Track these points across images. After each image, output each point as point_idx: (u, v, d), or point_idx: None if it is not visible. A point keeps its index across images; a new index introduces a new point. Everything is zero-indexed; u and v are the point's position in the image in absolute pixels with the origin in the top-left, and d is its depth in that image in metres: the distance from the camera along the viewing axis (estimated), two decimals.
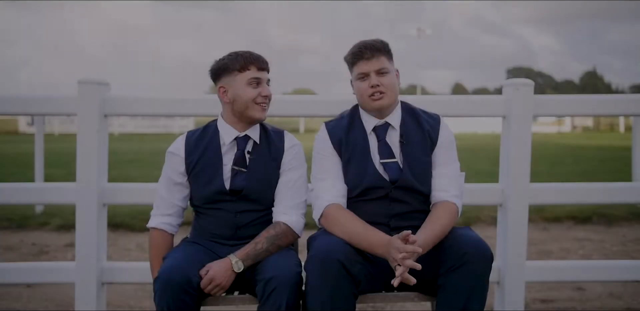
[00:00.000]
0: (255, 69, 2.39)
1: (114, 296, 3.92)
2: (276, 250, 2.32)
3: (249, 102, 2.39)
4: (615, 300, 3.85)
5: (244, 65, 2.38)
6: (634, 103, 3.01)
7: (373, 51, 2.35)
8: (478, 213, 6.36)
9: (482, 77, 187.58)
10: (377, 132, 2.41)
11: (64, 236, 5.74)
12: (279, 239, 2.33)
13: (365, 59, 2.36)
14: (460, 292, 2.10)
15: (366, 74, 2.36)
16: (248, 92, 2.39)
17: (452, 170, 2.41)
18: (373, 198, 2.36)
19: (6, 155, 14.65)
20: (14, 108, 2.96)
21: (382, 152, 2.38)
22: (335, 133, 2.41)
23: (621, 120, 37.07)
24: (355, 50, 2.38)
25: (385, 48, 2.39)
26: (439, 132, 2.43)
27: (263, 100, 2.41)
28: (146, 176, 9.27)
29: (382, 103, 2.36)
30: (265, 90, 2.41)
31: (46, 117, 15.62)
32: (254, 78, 2.39)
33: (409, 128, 2.42)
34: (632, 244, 5.47)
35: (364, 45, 2.38)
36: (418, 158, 2.37)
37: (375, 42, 2.38)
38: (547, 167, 11.22)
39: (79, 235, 2.88)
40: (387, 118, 2.42)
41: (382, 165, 2.36)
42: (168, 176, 2.49)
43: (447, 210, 2.31)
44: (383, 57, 2.37)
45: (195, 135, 2.50)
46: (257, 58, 2.40)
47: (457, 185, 2.39)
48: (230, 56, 2.41)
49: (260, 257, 2.28)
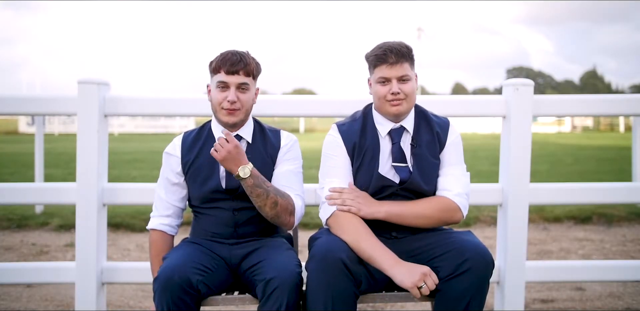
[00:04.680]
0: (224, 73, 2.35)
1: (114, 296, 3.92)
2: (276, 199, 2.28)
3: (216, 105, 2.38)
4: (615, 300, 3.85)
5: (215, 67, 2.37)
6: (634, 103, 3.01)
7: (398, 57, 2.32)
8: (478, 213, 6.36)
9: (482, 77, 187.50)
10: (391, 135, 2.41)
11: (64, 236, 5.74)
12: (283, 198, 2.31)
13: (389, 64, 2.32)
14: (460, 298, 2.11)
15: (388, 79, 2.34)
16: (215, 96, 2.38)
17: (457, 170, 2.42)
18: (379, 198, 2.37)
19: (6, 155, 14.64)
20: (14, 108, 2.96)
21: (395, 155, 2.39)
22: (350, 137, 2.41)
23: (621, 120, 37.04)
24: (380, 53, 2.34)
25: (409, 54, 2.36)
26: (447, 135, 2.44)
27: (228, 106, 2.36)
28: (146, 176, 9.27)
29: (401, 110, 2.35)
30: (231, 95, 2.35)
31: (46, 117, 15.63)
32: (221, 82, 2.36)
33: (421, 132, 2.43)
34: (632, 244, 5.47)
35: (389, 49, 2.33)
36: (427, 161, 2.39)
37: (401, 47, 2.34)
38: (547, 167, 11.23)
39: (79, 235, 2.88)
40: (402, 122, 2.42)
41: (393, 168, 2.37)
42: (165, 177, 2.49)
43: (438, 203, 2.33)
44: (407, 64, 2.34)
45: (191, 136, 2.50)
46: (229, 60, 2.34)
47: (461, 185, 2.39)
48: (218, 55, 2.40)
49: (260, 189, 2.25)
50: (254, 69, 2.40)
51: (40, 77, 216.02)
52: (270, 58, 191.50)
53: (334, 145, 2.42)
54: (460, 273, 2.11)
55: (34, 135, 7.35)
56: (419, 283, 2.10)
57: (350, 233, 2.22)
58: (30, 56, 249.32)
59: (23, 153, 14.61)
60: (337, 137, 2.43)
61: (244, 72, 2.36)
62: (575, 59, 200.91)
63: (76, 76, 2.96)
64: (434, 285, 2.12)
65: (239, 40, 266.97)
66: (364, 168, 2.38)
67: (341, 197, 2.31)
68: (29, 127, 31.09)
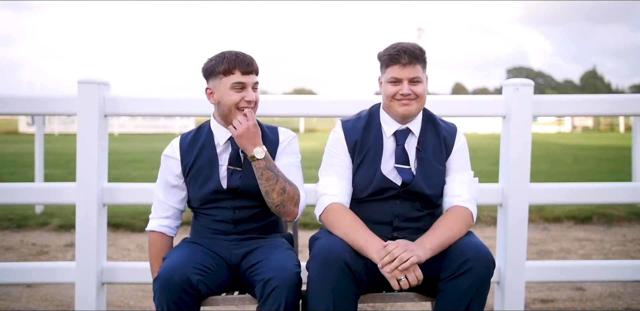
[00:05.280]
0: (240, 73, 2.34)
1: (114, 296, 3.92)
2: (281, 191, 2.28)
3: (232, 106, 2.36)
4: (615, 300, 3.84)
5: (228, 69, 2.34)
6: (634, 103, 3.01)
7: (411, 58, 2.31)
8: (478, 214, 6.33)
9: (482, 77, 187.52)
10: (396, 136, 2.41)
11: (64, 236, 5.74)
12: (291, 186, 2.31)
13: (401, 64, 2.31)
14: (461, 299, 2.10)
15: (399, 79, 2.33)
16: (231, 97, 2.35)
17: (465, 175, 2.42)
18: (380, 199, 2.37)
19: (6, 155, 14.64)
20: (14, 108, 2.96)
21: (398, 157, 2.38)
22: (352, 135, 2.41)
23: (621, 120, 37.03)
24: (393, 53, 2.33)
25: (422, 56, 2.36)
26: (454, 141, 2.44)
27: (246, 105, 2.35)
28: (146, 176, 9.27)
29: (410, 110, 2.34)
30: (249, 95, 2.35)
31: (46, 117, 15.62)
32: (238, 83, 2.34)
33: (427, 136, 2.42)
34: (632, 244, 5.47)
35: (403, 50, 2.32)
36: (432, 166, 2.39)
37: (414, 49, 2.33)
38: (547, 167, 11.23)
39: (79, 235, 2.88)
40: (409, 124, 2.42)
41: (395, 169, 2.37)
42: (164, 179, 2.49)
43: (459, 216, 2.31)
44: (419, 65, 2.34)
45: (189, 137, 2.49)
46: (242, 61, 2.34)
47: (470, 190, 2.39)
48: (217, 57, 2.37)
49: (271, 172, 2.27)
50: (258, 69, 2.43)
51: (40, 77, 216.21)
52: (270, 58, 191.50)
53: (336, 142, 2.43)
54: (462, 273, 2.10)
55: (34, 135, 7.35)
56: (399, 276, 2.08)
57: (341, 227, 2.23)
58: (30, 56, 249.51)
59: (23, 153, 14.62)
60: (340, 133, 2.43)
61: (255, 71, 2.39)
62: (573, 59, 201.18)
63: (76, 76, 2.95)
64: (415, 280, 2.08)
65: (239, 40, 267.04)
66: (365, 166, 2.38)
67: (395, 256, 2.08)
68: (29, 127, 31.07)
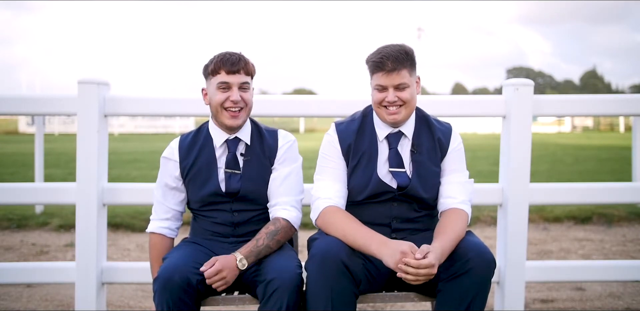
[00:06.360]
0: (225, 73, 2.33)
1: (114, 296, 3.92)
2: (276, 245, 2.32)
3: (218, 106, 2.36)
4: (615, 300, 3.85)
5: (214, 69, 2.35)
6: (634, 103, 3.00)
7: (395, 63, 2.25)
8: (478, 213, 6.36)
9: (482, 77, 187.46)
10: (389, 140, 2.40)
11: (64, 236, 5.74)
12: (279, 234, 2.33)
13: (386, 72, 2.26)
14: (461, 299, 2.09)
15: (384, 87, 2.29)
16: (217, 97, 2.36)
17: (460, 177, 2.41)
18: (378, 202, 2.36)
19: (6, 155, 14.64)
20: (14, 108, 2.96)
21: (392, 160, 2.37)
22: (345, 138, 2.39)
23: (621, 120, 37.06)
24: (377, 60, 2.27)
25: (408, 59, 2.29)
26: (449, 142, 2.42)
27: (231, 105, 2.35)
28: (146, 176, 9.27)
29: (397, 118, 2.32)
30: (234, 94, 2.34)
31: (46, 117, 15.62)
32: (223, 83, 2.34)
33: (421, 137, 2.40)
34: (632, 244, 5.47)
35: (386, 56, 2.26)
36: (427, 168, 2.37)
37: (399, 54, 2.27)
38: (547, 166, 11.23)
39: (79, 235, 2.88)
40: (402, 127, 2.40)
41: (390, 173, 2.36)
42: (164, 181, 2.49)
43: (458, 218, 2.30)
44: (404, 70, 2.28)
45: (188, 139, 2.49)
46: (227, 60, 2.33)
47: (465, 191, 2.38)
48: (211, 58, 2.39)
49: (262, 254, 2.28)
50: (252, 68, 2.41)
51: (40, 77, 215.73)
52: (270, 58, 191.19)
53: (330, 146, 2.41)
54: (462, 273, 2.10)
55: (34, 135, 7.36)
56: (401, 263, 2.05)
57: (337, 228, 2.21)
58: (30, 56, 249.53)
59: (23, 153, 14.62)
60: (334, 136, 2.41)
61: (244, 71, 2.36)
62: (573, 59, 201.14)
63: (76, 76, 2.96)
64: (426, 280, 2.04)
65: (239, 40, 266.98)
66: (360, 170, 2.36)
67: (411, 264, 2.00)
68: (29, 127, 31.11)
